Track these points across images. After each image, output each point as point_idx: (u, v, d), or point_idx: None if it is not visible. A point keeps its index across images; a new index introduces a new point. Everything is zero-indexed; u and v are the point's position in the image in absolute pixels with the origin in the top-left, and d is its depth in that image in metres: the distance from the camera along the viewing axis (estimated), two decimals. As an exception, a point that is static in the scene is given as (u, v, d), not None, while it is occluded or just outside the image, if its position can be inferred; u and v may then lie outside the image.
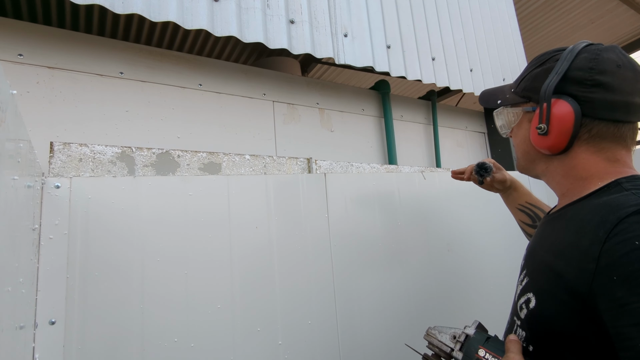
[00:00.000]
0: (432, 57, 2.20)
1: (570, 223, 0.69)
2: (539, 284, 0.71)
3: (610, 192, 0.67)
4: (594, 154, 0.71)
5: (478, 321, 0.85)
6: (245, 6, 1.55)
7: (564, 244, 0.67)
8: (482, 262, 1.72)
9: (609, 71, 0.69)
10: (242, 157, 1.46)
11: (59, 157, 1.13)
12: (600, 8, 3.80)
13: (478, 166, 1.22)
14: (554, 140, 0.73)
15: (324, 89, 2.09)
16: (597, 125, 0.70)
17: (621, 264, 0.55)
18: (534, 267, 0.75)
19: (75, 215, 0.99)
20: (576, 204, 0.72)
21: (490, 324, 0.89)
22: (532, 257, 0.79)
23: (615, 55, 0.70)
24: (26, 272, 0.79)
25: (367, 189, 1.48)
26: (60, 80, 1.39)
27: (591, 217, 0.63)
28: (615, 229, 0.57)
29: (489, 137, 2.86)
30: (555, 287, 0.65)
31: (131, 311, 1.01)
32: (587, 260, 0.59)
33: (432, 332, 0.90)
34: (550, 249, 0.71)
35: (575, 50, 0.72)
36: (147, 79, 1.56)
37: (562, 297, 0.63)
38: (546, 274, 0.69)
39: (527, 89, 0.80)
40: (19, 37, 1.34)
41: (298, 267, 1.26)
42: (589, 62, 0.70)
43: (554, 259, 0.68)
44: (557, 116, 0.71)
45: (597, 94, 0.69)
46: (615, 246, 0.56)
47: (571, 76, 0.71)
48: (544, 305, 0.68)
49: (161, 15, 1.34)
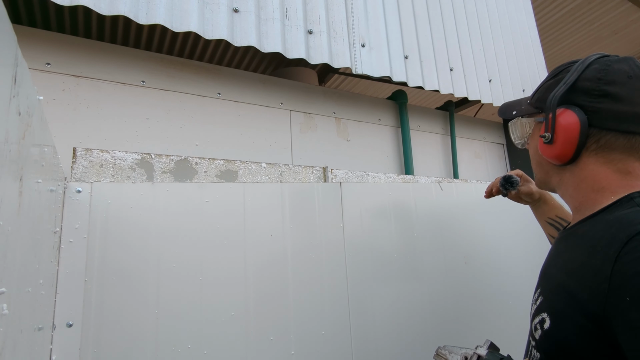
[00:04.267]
0: (450, 68, 2.19)
1: (582, 241, 0.68)
2: (553, 304, 0.69)
3: (622, 208, 0.65)
4: (603, 165, 0.70)
5: (490, 341, 0.82)
6: (265, 17, 1.58)
7: (576, 263, 0.65)
8: (500, 276, 1.68)
9: (619, 82, 0.67)
10: (258, 165, 1.47)
11: (81, 162, 1.16)
12: (624, 19, 3.73)
13: (504, 179, 1.19)
14: (560, 149, 0.72)
15: (340, 98, 2.10)
16: (605, 135, 0.69)
17: (633, 284, 0.53)
18: (548, 287, 0.73)
19: (95, 219, 1.01)
20: (589, 220, 0.70)
21: (508, 341, 0.87)
22: (547, 276, 0.77)
23: (628, 66, 0.69)
24: (46, 274, 0.81)
25: (383, 199, 1.46)
26: (85, 88, 1.44)
27: (602, 235, 0.62)
28: (626, 248, 0.55)
29: (508, 149, 2.82)
30: (570, 308, 0.63)
31: (146, 316, 1.01)
32: (600, 281, 0.57)
33: (442, 352, 0.88)
34: (563, 268, 0.69)
35: (587, 61, 0.72)
36: (167, 87, 1.60)
37: (577, 318, 0.61)
38: (560, 294, 0.67)
39: (539, 99, 0.80)
40: (48, 47, 1.39)
41: (312, 276, 1.26)
42: (597, 73, 0.69)
43: (567, 279, 0.66)
44: (562, 125, 0.71)
45: (604, 104, 0.68)
46: (626, 265, 0.54)
47: (579, 86, 0.70)
48: (558, 327, 0.65)
49: (182, 25, 1.37)
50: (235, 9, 1.50)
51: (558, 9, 3.57)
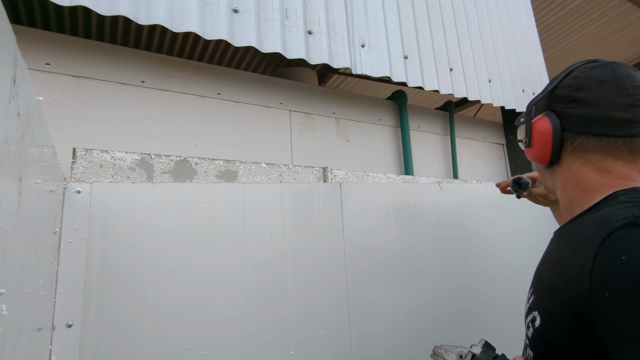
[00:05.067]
0: (450, 68, 2.19)
1: (569, 240, 0.70)
2: (543, 302, 0.71)
3: (607, 206, 0.66)
4: (583, 165, 0.73)
5: (485, 340, 0.84)
6: (264, 17, 1.58)
7: (563, 261, 0.67)
8: (499, 276, 1.68)
9: (588, 87, 0.71)
10: (258, 165, 1.47)
11: (80, 162, 1.16)
12: (624, 19, 3.73)
13: (513, 181, 1.20)
14: (537, 152, 0.78)
15: (340, 98, 2.10)
16: (577, 138, 0.73)
17: (610, 280, 0.54)
18: (539, 285, 0.76)
19: (95, 220, 1.01)
20: (577, 219, 0.73)
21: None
22: (539, 275, 0.79)
23: (602, 72, 0.71)
24: (46, 275, 0.81)
25: (382, 199, 1.46)
26: (85, 89, 1.44)
27: (585, 233, 0.64)
28: (604, 244, 0.57)
29: (507, 149, 2.82)
30: (557, 306, 0.65)
31: (146, 316, 1.01)
32: (582, 278, 0.59)
33: (439, 351, 0.90)
34: (552, 267, 0.72)
35: (569, 69, 0.76)
36: (167, 87, 1.60)
37: (564, 316, 0.63)
38: (549, 292, 0.69)
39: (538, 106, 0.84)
40: (47, 47, 1.39)
41: (312, 276, 1.26)
42: (571, 80, 0.73)
43: (555, 278, 0.68)
44: (537, 129, 0.77)
45: (573, 110, 0.72)
46: (605, 262, 0.56)
47: (556, 94, 0.75)
48: (548, 325, 0.67)
49: (182, 26, 1.37)
50: (235, 9, 1.50)
51: (558, 9, 3.56)
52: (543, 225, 1.82)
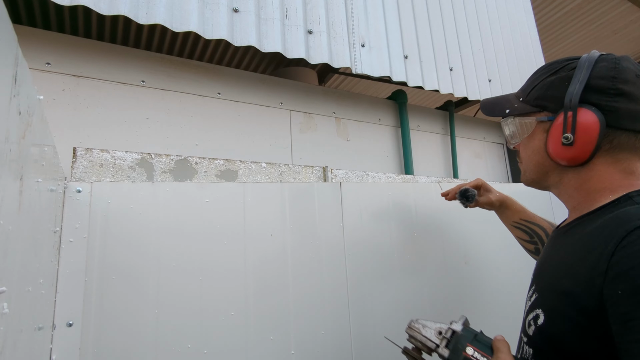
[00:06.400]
0: (450, 67, 2.19)
1: (579, 238, 0.68)
2: (548, 301, 0.69)
3: (621, 206, 0.65)
4: (610, 165, 0.70)
5: (465, 317, 0.80)
6: (264, 17, 1.58)
7: (573, 259, 0.65)
8: (499, 276, 1.68)
9: (631, 80, 0.67)
10: (258, 164, 1.47)
11: (81, 162, 1.16)
12: (624, 19, 3.73)
13: (460, 193, 1.26)
14: (578, 151, 0.70)
15: (340, 98, 2.10)
16: (619, 135, 0.68)
17: (627, 277, 0.53)
18: (543, 283, 0.74)
19: (95, 219, 1.01)
20: (586, 217, 0.70)
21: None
22: (542, 273, 0.77)
23: (632, 65, 0.69)
24: (46, 274, 0.81)
25: (382, 198, 1.46)
26: (85, 88, 1.44)
27: (600, 232, 0.62)
28: (623, 242, 0.56)
29: (507, 149, 2.82)
30: (565, 305, 0.63)
31: (146, 316, 1.01)
32: (595, 275, 0.58)
33: (416, 325, 0.85)
34: (560, 265, 0.70)
35: (593, 58, 0.70)
36: (167, 87, 1.60)
37: (572, 315, 0.61)
38: (556, 291, 0.67)
39: (540, 97, 0.76)
40: (47, 47, 1.39)
41: (312, 275, 1.26)
42: (610, 71, 0.68)
43: (564, 276, 0.66)
44: (583, 126, 0.68)
45: (621, 104, 0.66)
46: (622, 259, 0.55)
47: (593, 85, 0.68)
48: (552, 323, 0.66)
49: (182, 25, 1.37)
50: (235, 8, 1.50)
51: (558, 8, 3.57)
52: (543, 225, 1.82)
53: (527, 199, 1.30)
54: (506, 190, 1.33)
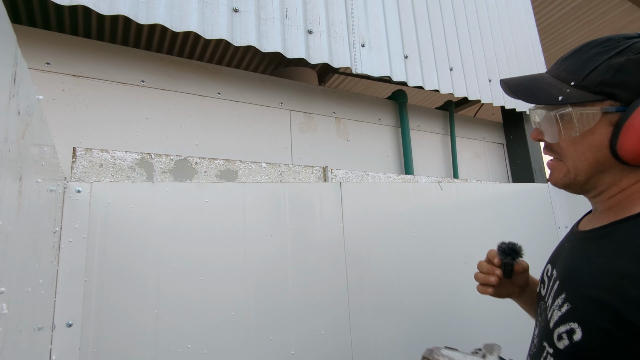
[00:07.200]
0: (450, 67, 2.19)
1: (622, 246, 0.59)
2: (587, 315, 0.60)
3: None
4: None
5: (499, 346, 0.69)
6: (264, 17, 1.58)
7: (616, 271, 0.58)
8: (500, 275, 1.68)
9: None
10: (258, 165, 1.47)
11: (80, 162, 1.16)
12: (624, 18, 3.73)
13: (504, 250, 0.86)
14: None
15: (340, 98, 2.10)
16: None
17: None
18: (578, 294, 0.64)
19: (95, 219, 1.01)
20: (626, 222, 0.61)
21: (507, 341, 0.85)
22: (574, 281, 0.66)
23: None
24: (46, 274, 0.81)
25: (382, 198, 1.46)
26: (85, 88, 1.44)
27: None
28: None
29: (507, 149, 2.82)
30: (606, 321, 0.56)
31: (146, 316, 1.01)
32: None
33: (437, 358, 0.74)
34: (599, 275, 0.61)
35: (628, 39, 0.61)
36: (167, 87, 1.60)
37: (617, 334, 0.54)
38: (596, 305, 0.58)
39: (605, 83, 0.63)
40: (47, 47, 1.39)
41: (312, 275, 1.26)
42: None
43: (604, 288, 0.58)
44: None
45: None
46: None
47: None
48: (592, 340, 0.58)
49: (182, 25, 1.37)
50: (235, 8, 1.50)
51: (558, 9, 3.57)
52: (543, 225, 1.82)
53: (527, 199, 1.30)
54: (506, 190, 1.33)
